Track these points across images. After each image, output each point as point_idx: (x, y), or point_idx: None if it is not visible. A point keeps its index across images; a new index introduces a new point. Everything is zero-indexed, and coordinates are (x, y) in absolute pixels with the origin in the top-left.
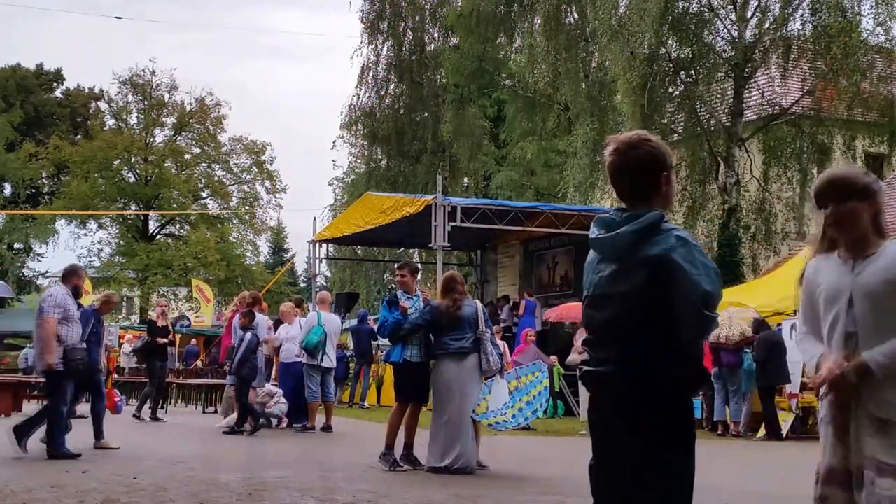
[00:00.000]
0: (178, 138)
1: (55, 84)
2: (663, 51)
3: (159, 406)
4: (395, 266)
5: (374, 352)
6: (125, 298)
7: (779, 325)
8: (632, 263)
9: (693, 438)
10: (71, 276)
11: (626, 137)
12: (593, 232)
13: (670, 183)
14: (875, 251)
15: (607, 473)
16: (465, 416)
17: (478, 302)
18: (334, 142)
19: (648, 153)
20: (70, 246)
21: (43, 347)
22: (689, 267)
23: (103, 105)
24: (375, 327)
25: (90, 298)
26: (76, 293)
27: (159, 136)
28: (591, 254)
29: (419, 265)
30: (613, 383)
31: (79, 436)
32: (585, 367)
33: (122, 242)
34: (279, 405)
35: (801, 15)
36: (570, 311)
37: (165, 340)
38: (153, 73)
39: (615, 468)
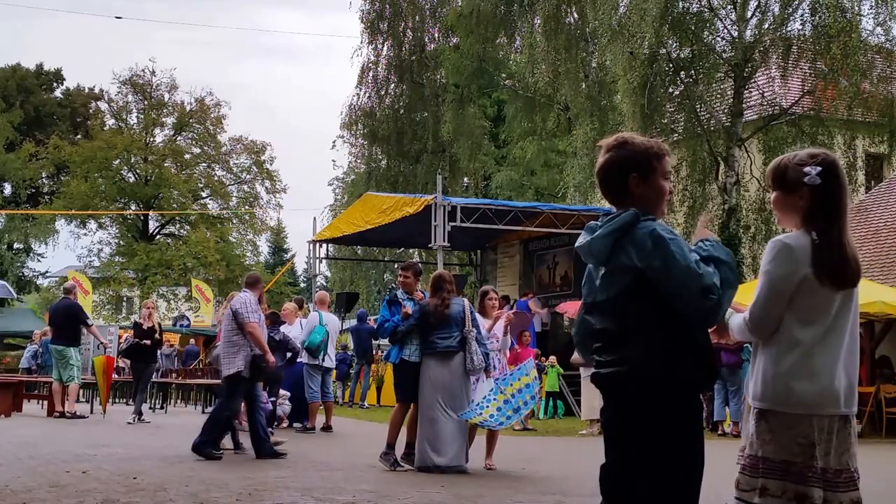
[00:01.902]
0: (178, 138)
1: (55, 84)
2: (663, 51)
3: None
4: (400, 266)
5: (374, 351)
6: (125, 298)
7: None
8: (614, 268)
9: (700, 437)
10: (258, 284)
11: (602, 143)
12: (579, 240)
13: (647, 184)
14: None
15: (616, 473)
16: (451, 415)
17: (465, 300)
18: (334, 142)
19: (615, 158)
20: (70, 246)
21: (261, 350)
22: (670, 263)
23: (103, 105)
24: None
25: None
26: (259, 301)
27: (159, 136)
28: None
29: (421, 267)
30: (619, 384)
31: (80, 436)
32: (593, 370)
33: (121, 242)
34: (282, 406)
35: (801, 15)
36: (574, 306)
37: (148, 342)
38: (153, 73)
39: (624, 468)
